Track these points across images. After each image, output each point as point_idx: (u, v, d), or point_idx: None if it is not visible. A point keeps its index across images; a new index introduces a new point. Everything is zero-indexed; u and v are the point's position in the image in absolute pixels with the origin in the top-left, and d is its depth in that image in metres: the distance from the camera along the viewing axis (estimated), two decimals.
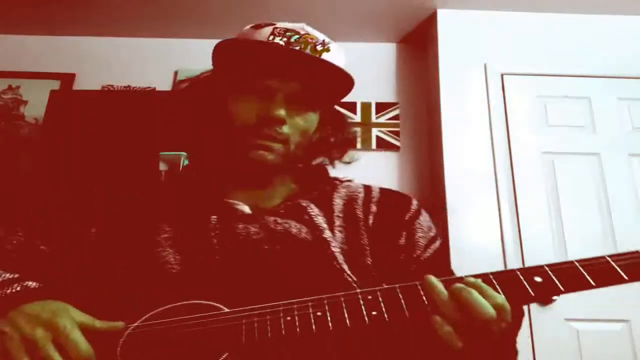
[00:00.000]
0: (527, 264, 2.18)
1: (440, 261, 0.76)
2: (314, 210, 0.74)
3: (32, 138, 2.46)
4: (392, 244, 0.74)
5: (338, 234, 0.72)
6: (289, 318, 0.55)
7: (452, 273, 0.74)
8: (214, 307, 0.59)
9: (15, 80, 2.68)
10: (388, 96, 2.66)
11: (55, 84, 2.64)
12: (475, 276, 0.57)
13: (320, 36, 0.77)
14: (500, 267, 0.67)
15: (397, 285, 0.57)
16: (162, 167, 2.07)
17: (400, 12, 2.55)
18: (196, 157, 0.86)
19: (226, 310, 0.58)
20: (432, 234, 0.78)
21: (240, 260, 0.67)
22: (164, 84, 2.67)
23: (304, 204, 0.74)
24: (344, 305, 0.56)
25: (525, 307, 0.78)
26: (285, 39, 0.74)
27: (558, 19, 2.53)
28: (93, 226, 0.72)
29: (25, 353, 0.54)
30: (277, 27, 0.75)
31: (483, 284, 0.55)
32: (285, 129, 0.73)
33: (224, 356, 0.54)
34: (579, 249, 2.10)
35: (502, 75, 2.41)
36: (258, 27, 0.77)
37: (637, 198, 2.19)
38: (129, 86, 2.65)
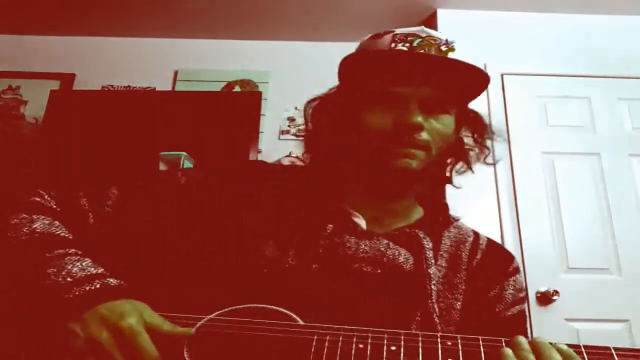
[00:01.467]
0: (527, 264, 2.17)
1: (521, 323, 0.76)
2: (428, 244, 0.74)
3: (32, 138, 2.46)
4: (484, 294, 0.74)
5: (438, 273, 0.72)
6: (361, 345, 0.55)
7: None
8: (289, 317, 0.59)
9: (15, 80, 2.68)
10: None
11: (55, 84, 2.64)
12: (568, 345, 0.56)
13: (443, 37, 0.76)
14: None
15: (480, 337, 0.56)
16: (162, 167, 2.07)
17: (400, 12, 2.55)
18: (322, 162, 0.84)
19: (301, 322, 0.58)
20: (521, 295, 0.78)
21: (338, 275, 0.67)
22: (164, 84, 2.67)
23: (420, 235, 0.74)
24: (420, 344, 0.55)
25: (524, 307, 0.78)
26: (407, 45, 0.73)
27: (558, 19, 2.53)
28: (199, 214, 0.73)
29: (91, 354, 0.55)
30: (397, 34, 0.74)
31: (573, 353, 0.54)
32: (424, 135, 0.71)
33: None
34: (579, 249, 2.11)
35: (502, 75, 2.40)
36: (378, 36, 0.77)
37: (637, 198, 2.19)
38: (129, 86, 2.65)
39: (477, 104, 0.78)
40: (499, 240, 2.05)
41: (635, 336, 1.94)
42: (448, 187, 0.88)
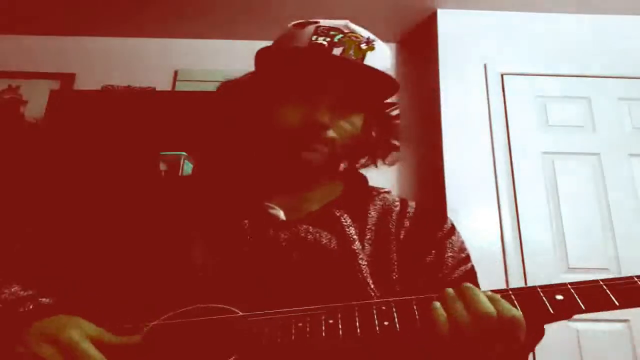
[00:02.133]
0: (527, 264, 2.17)
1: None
2: (347, 220, 0.73)
3: (32, 138, 2.46)
4: (421, 261, 0.73)
5: (367, 247, 0.72)
6: (300, 324, 0.56)
7: None
8: (228, 311, 0.59)
9: (15, 80, 2.68)
10: None
11: (55, 84, 2.64)
12: (495, 291, 0.57)
13: (365, 34, 0.76)
14: (500, 268, 0.67)
15: (412, 297, 0.57)
16: (162, 167, 2.07)
17: (400, 12, 2.55)
18: (233, 158, 0.86)
19: (240, 314, 0.59)
20: (463, 255, 0.77)
21: (266, 267, 0.67)
22: (164, 84, 2.67)
23: (337, 214, 0.74)
24: (357, 314, 0.56)
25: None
26: (328, 39, 0.73)
27: (558, 19, 2.53)
28: (121, 225, 0.73)
29: None
30: (320, 26, 0.75)
31: (497, 296, 0.55)
32: (330, 133, 0.72)
33: (232, 359, 0.54)
34: (579, 249, 2.11)
35: (502, 75, 2.41)
36: (301, 25, 0.77)
37: (637, 198, 2.19)
38: (129, 86, 2.65)
39: (477, 103, 0.78)
40: (499, 240, 2.09)
41: (635, 336, 1.94)
42: (448, 188, 0.89)
